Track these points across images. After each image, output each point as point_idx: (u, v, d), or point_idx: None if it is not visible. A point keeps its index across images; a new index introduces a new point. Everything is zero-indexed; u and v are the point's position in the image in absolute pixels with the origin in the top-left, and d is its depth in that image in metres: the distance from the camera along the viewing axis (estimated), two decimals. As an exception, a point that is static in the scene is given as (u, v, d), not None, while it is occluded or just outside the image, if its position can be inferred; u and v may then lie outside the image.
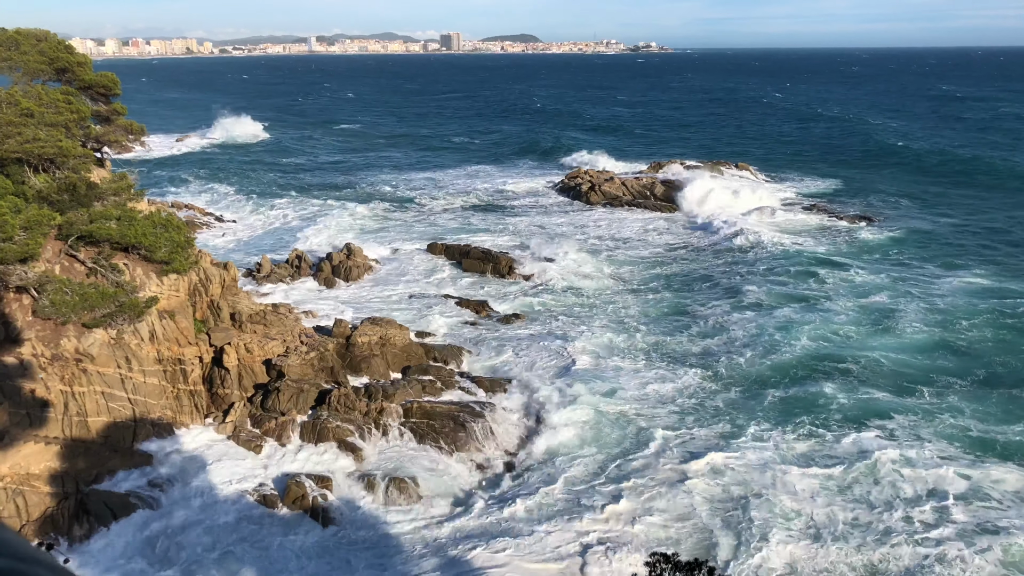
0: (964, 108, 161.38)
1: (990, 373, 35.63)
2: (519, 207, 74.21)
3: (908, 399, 33.31)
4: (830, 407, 32.49)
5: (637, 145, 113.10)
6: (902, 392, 34.00)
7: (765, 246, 57.22)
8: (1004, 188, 79.31)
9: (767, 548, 23.89)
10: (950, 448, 29.34)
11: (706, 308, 44.53)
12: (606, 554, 23.89)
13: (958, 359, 37.23)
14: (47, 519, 24.62)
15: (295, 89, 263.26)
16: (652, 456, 29.22)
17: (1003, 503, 25.96)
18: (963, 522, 24.95)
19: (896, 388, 34.34)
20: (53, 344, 26.37)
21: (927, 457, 28.40)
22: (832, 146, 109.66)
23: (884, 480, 27.24)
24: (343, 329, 37.16)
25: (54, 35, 35.68)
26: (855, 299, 45.14)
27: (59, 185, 29.93)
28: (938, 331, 40.24)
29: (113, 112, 36.23)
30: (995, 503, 25.97)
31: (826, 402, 32.86)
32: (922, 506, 25.75)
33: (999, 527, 24.66)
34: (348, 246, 53.86)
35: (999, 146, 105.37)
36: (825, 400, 33.00)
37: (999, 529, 24.57)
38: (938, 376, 35.33)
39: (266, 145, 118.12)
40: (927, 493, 26.48)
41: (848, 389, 33.95)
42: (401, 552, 24.39)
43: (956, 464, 27.98)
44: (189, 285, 33.21)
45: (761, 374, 35.90)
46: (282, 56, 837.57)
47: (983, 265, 51.98)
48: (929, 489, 26.64)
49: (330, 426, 30.34)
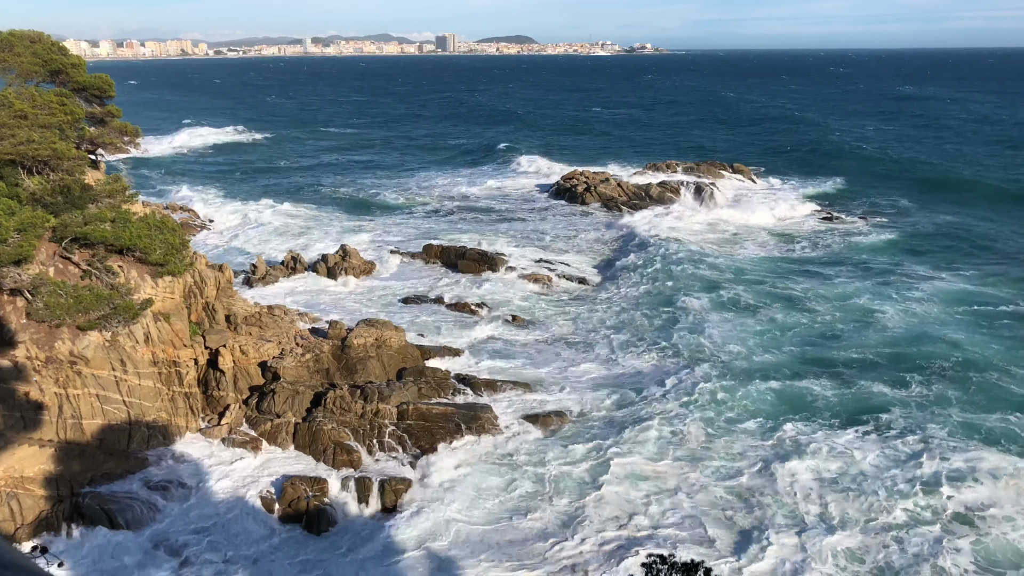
0: (905, 106, 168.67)
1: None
2: (505, 210, 74.31)
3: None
4: (818, 403, 32.98)
5: (588, 147, 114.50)
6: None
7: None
8: (907, 177, 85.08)
9: (762, 543, 23.99)
10: (940, 439, 29.76)
11: (696, 307, 44.68)
12: (600, 554, 23.93)
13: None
14: (41, 522, 24.51)
15: (267, 91, 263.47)
16: (647, 454, 29.29)
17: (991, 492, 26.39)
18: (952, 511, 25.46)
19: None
20: (47, 347, 26.25)
21: (916, 448, 28.77)
22: (766, 145, 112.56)
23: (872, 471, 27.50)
24: (339, 331, 37.10)
25: (48, 36, 35.53)
26: (840, 301, 45.52)
27: (53, 187, 29.81)
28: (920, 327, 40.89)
29: (107, 114, 36.10)
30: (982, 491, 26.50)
31: (813, 398, 33.39)
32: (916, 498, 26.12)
33: (983, 515, 25.19)
34: (343, 247, 53.79)
35: (908, 140, 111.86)
36: (813, 396, 33.53)
37: (983, 516, 25.10)
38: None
39: (223, 150, 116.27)
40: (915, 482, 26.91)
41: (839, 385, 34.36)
42: (396, 555, 24.35)
43: (945, 455, 28.39)
44: (184, 287, 33.11)
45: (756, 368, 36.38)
46: (275, 57, 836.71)
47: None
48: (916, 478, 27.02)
49: (326, 428, 30.28)
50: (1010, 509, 25.48)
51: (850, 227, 64.77)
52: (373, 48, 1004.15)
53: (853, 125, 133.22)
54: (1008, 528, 24.58)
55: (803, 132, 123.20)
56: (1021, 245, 57.90)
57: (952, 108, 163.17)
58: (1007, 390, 33.76)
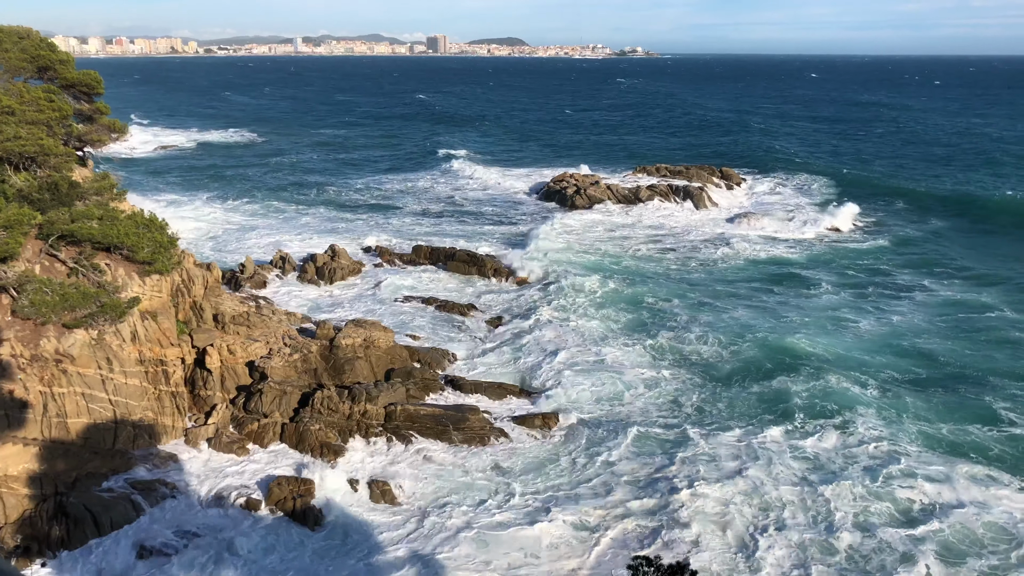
0: (849, 112, 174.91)
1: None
2: (490, 213, 74.45)
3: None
4: (793, 401, 33.60)
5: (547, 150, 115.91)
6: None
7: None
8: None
9: (748, 544, 24.14)
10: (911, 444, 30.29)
11: (682, 309, 44.91)
12: (591, 554, 24.01)
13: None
14: (25, 521, 24.31)
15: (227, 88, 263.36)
16: (628, 457, 29.41)
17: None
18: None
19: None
20: (33, 344, 26.05)
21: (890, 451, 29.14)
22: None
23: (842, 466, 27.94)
24: (327, 331, 37.03)
25: (36, 32, 35.31)
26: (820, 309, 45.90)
27: (40, 184, 29.60)
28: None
29: (96, 111, 35.90)
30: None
31: (789, 397, 34.04)
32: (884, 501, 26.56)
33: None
34: (332, 247, 53.69)
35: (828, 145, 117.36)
36: (788, 395, 34.19)
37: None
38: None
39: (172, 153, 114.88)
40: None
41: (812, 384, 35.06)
42: (383, 554, 24.32)
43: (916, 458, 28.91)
44: (172, 286, 32.95)
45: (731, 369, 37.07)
46: (264, 56, 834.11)
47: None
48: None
49: (313, 428, 30.20)
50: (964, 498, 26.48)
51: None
52: (364, 48, 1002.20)
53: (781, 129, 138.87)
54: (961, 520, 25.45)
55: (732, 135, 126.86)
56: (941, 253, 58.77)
57: (892, 113, 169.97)
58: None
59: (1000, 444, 30.22)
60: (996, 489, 27.14)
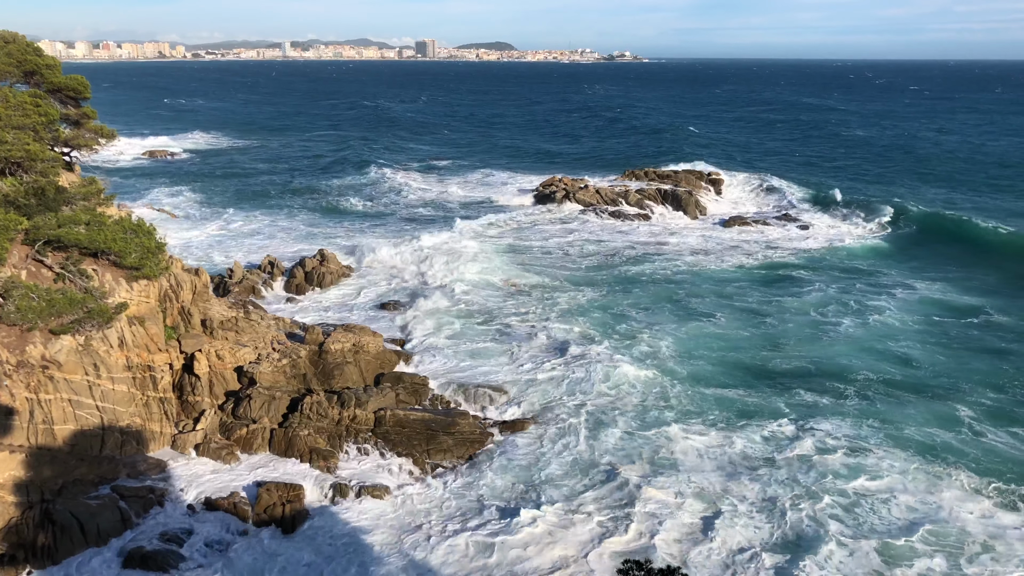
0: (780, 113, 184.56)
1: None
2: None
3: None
4: (776, 405, 34.08)
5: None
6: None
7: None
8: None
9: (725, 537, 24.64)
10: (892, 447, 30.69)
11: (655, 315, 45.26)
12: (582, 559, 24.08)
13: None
14: (11, 529, 24.09)
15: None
16: (613, 460, 29.54)
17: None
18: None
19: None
20: (19, 350, 25.86)
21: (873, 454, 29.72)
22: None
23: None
24: (316, 336, 36.95)
25: (23, 37, 35.11)
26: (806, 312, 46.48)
27: (26, 189, 29.40)
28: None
29: (83, 116, 35.68)
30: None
31: (772, 401, 34.50)
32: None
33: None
34: (321, 252, 53.56)
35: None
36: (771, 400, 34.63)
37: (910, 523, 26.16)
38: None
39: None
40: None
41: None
42: (372, 560, 24.29)
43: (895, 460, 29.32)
44: (159, 291, 32.80)
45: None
46: (251, 61, 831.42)
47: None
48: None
49: (302, 434, 30.12)
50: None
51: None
52: (353, 53, 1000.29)
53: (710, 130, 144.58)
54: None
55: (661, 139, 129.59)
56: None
57: (829, 115, 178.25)
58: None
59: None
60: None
